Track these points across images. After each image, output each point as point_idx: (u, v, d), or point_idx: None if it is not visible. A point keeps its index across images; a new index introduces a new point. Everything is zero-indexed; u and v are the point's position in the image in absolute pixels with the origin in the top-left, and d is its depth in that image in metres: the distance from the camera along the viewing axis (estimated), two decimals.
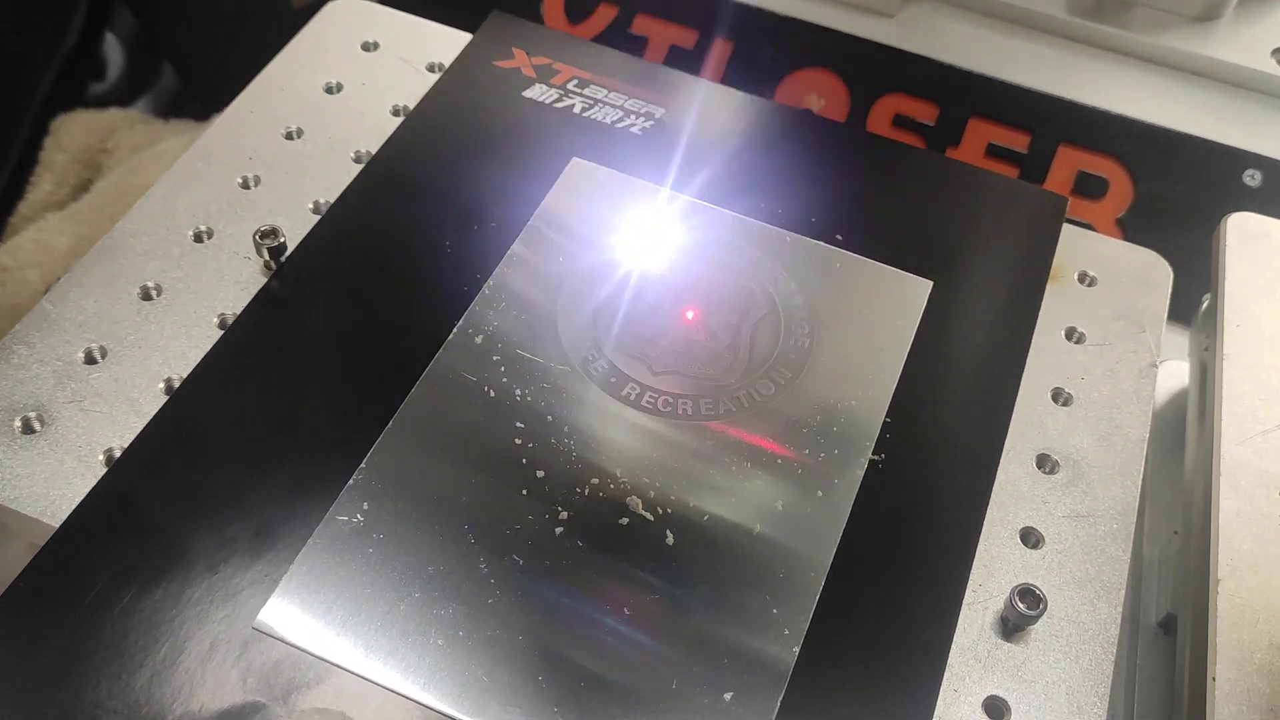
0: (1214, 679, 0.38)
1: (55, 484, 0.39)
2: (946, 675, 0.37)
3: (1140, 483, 0.43)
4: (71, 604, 0.36)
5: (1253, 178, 0.63)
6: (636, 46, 0.69)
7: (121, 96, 0.97)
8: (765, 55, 0.68)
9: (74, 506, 0.38)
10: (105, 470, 0.39)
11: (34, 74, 0.89)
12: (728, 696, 0.36)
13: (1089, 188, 0.64)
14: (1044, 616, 0.38)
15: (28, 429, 0.40)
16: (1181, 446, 0.51)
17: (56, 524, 0.38)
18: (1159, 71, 0.66)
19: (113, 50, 0.98)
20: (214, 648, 0.35)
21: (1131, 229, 0.63)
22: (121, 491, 0.38)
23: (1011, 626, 0.38)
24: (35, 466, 0.39)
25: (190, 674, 0.35)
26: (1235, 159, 0.63)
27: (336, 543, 0.38)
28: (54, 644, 0.35)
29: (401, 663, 0.36)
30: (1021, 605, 0.38)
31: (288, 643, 0.36)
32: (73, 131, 0.84)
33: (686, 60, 0.69)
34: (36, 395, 0.41)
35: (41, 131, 0.84)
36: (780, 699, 0.36)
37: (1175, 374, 0.55)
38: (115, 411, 0.41)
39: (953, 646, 0.38)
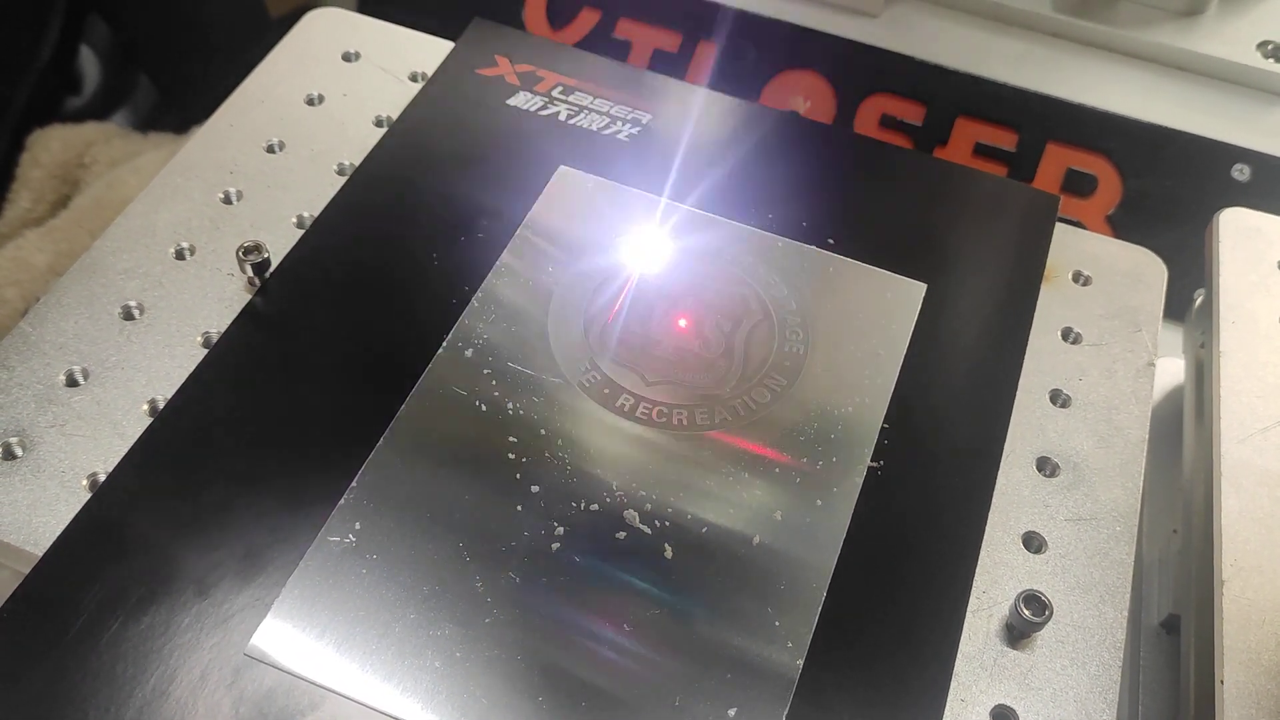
0: (1222, 682, 0.37)
1: (38, 511, 0.38)
2: (953, 684, 0.37)
3: (1141, 484, 0.42)
4: (57, 634, 0.35)
5: (1241, 172, 0.63)
6: (620, 51, 0.69)
7: (98, 110, 0.96)
8: (750, 58, 0.67)
9: (58, 534, 0.37)
10: (89, 496, 0.38)
11: (8, 89, 0.88)
12: (732, 712, 0.35)
13: (1078, 185, 0.64)
14: (1050, 623, 0.38)
15: (8, 455, 0.39)
16: (1177, 444, 0.50)
17: (40, 552, 0.37)
18: (1145, 67, 0.66)
19: (88, 63, 0.97)
20: (205, 676, 0.34)
21: (1121, 226, 0.63)
22: (106, 517, 0.38)
23: (1017, 634, 0.38)
24: (17, 493, 0.38)
25: (181, 704, 0.34)
26: (1223, 154, 0.63)
27: (329, 564, 0.37)
28: (39, 676, 0.34)
29: (398, 686, 0.35)
30: (1027, 612, 0.37)
31: (281, 668, 0.35)
32: (49, 147, 0.83)
33: (671, 65, 0.68)
34: (17, 420, 0.40)
35: (17, 147, 0.83)
36: (786, 712, 0.35)
37: (1169, 371, 0.54)
38: (98, 435, 0.40)
39: (958, 655, 0.37)
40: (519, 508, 0.39)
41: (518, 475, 0.39)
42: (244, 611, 0.36)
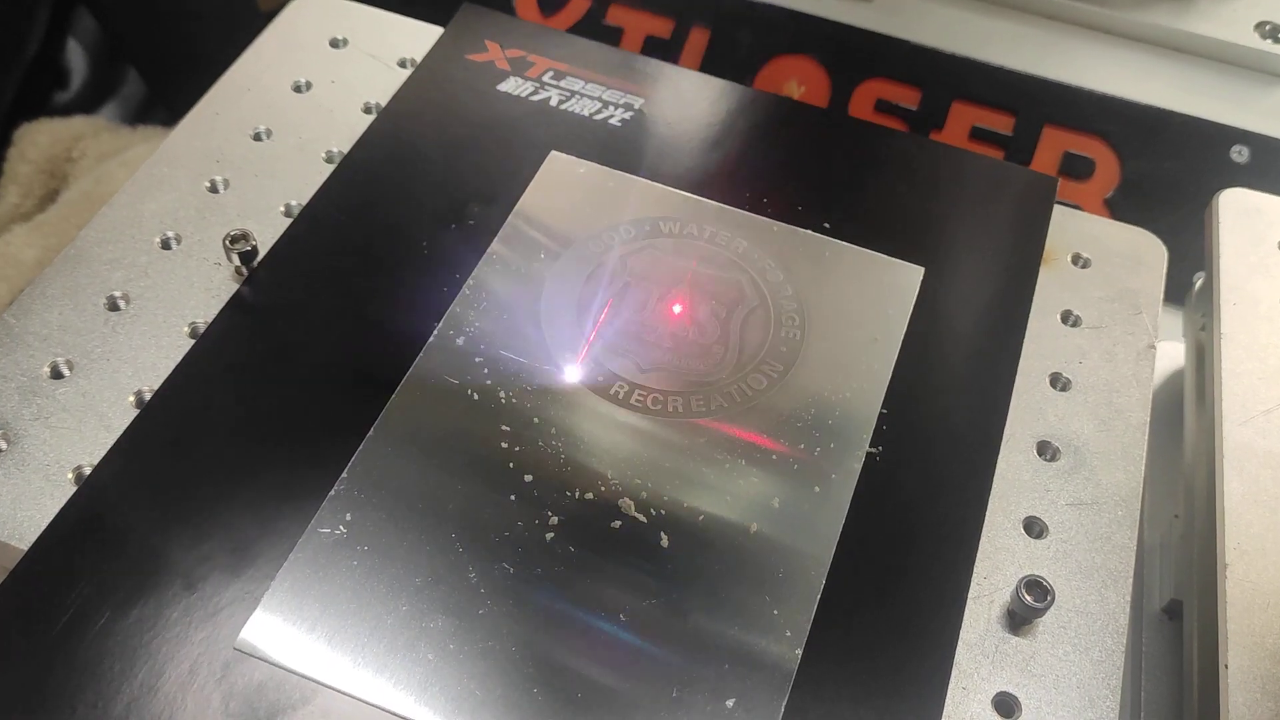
0: (1226, 666, 0.37)
1: (23, 505, 0.37)
2: (954, 672, 0.36)
3: (1143, 468, 0.42)
4: (43, 629, 0.34)
5: (1240, 153, 0.62)
6: (611, 37, 0.68)
7: (86, 104, 0.95)
8: (743, 43, 0.67)
9: (43, 528, 0.36)
10: (75, 489, 0.37)
11: None
12: (730, 703, 0.34)
13: (1076, 168, 0.63)
14: (1052, 608, 0.37)
15: None
16: (1178, 428, 0.50)
17: (25, 547, 0.36)
18: (1142, 49, 0.66)
19: (76, 57, 0.96)
20: (194, 670, 0.34)
21: (1120, 209, 0.63)
22: (92, 511, 0.37)
23: (1019, 620, 0.37)
24: (1, 488, 0.38)
25: (170, 699, 0.33)
26: (1222, 135, 0.62)
27: (319, 556, 0.36)
28: (25, 672, 0.34)
29: (390, 679, 0.34)
30: (1029, 598, 0.37)
31: (271, 662, 0.34)
32: (37, 141, 0.82)
33: (663, 50, 0.67)
34: (0, 413, 0.39)
35: (4, 142, 0.82)
36: (785, 703, 0.35)
37: (1169, 354, 0.54)
38: (84, 427, 0.39)
39: (959, 642, 0.37)
40: (512, 497, 0.38)
41: (511, 464, 0.39)
42: (233, 605, 0.35)
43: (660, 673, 0.35)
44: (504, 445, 0.39)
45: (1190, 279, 0.52)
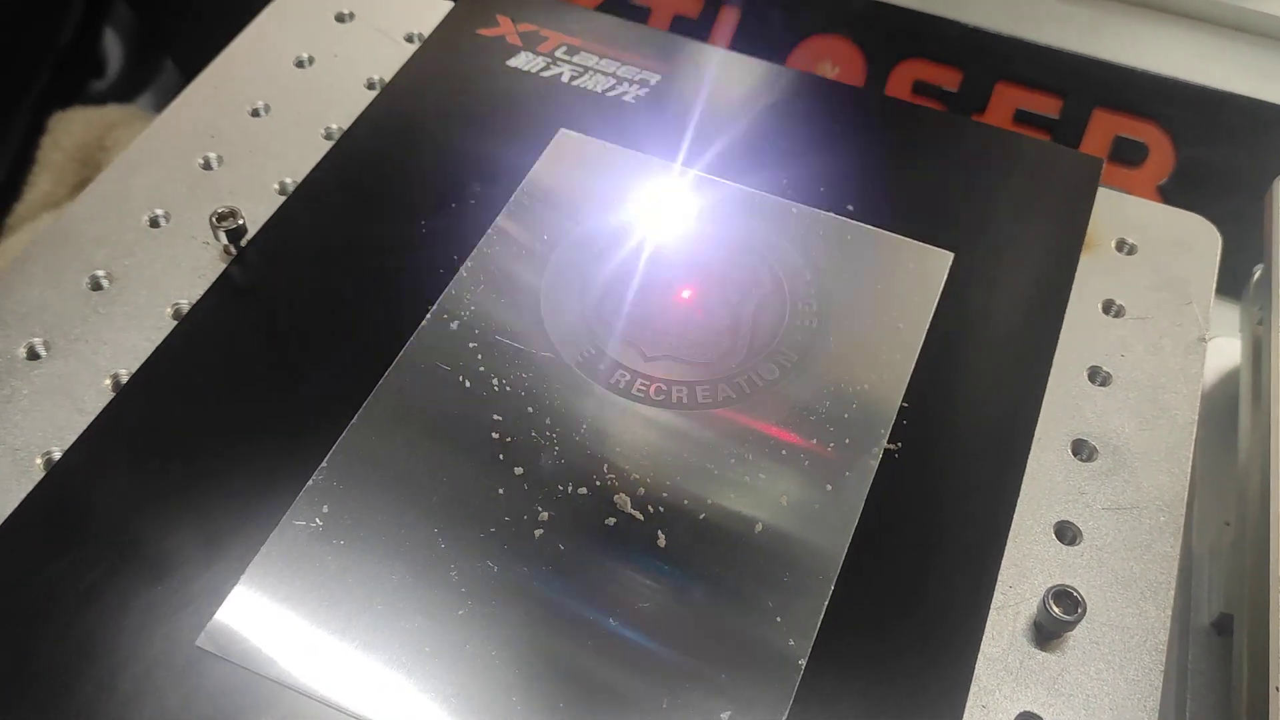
0: (1277, 689, 0.34)
1: None
2: (973, 689, 0.33)
3: (1189, 470, 0.38)
4: (2, 623, 0.33)
5: None
6: (639, 17, 0.66)
7: (122, 93, 0.95)
8: (775, 22, 0.64)
9: (6, 515, 0.35)
10: (43, 475, 0.36)
11: (30, 71, 0.87)
12: (725, 716, 0.32)
13: (1127, 154, 0.60)
14: (1083, 621, 0.34)
15: None
16: (1234, 430, 0.47)
17: None
18: (1200, 27, 0.62)
19: (112, 46, 0.96)
20: (152, 670, 0.32)
21: (1174, 196, 0.59)
22: (59, 499, 0.35)
23: (1046, 633, 0.35)
24: None
25: (127, 699, 0.31)
26: None
27: (293, 550, 0.34)
28: None
29: (361, 683, 0.32)
30: (1057, 609, 0.34)
31: (234, 663, 0.32)
32: (70, 129, 0.83)
33: (692, 30, 0.65)
34: None
35: (38, 130, 0.82)
36: (785, 717, 0.32)
37: (1225, 351, 0.50)
38: (57, 411, 0.38)
39: (980, 656, 0.34)
40: (500, 491, 0.36)
41: (500, 456, 0.37)
42: (198, 600, 0.33)
43: (650, 681, 0.33)
44: (494, 435, 0.37)
45: (1249, 270, 0.48)
